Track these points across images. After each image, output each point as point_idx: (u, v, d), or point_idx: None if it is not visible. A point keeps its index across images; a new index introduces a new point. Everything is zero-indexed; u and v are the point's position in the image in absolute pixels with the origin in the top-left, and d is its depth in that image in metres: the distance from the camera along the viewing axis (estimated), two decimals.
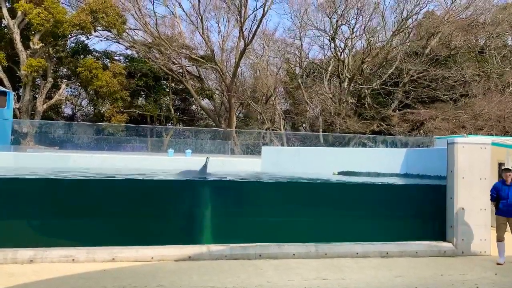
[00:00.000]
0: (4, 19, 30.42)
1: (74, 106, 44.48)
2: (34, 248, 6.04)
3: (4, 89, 22.91)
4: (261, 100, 40.48)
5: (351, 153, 14.14)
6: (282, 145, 30.27)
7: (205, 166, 10.92)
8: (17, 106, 29.61)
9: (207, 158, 11.36)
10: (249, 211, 7.11)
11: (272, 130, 36.82)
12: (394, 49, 36.03)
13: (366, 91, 36.99)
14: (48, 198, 6.45)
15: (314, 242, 7.09)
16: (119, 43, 39.52)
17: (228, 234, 6.86)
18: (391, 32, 36.30)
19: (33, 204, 6.35)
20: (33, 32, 30.24)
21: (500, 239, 6.95)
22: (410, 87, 35.49)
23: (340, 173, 11.74)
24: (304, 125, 44.60)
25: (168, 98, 43.03)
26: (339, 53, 37.39)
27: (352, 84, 36.45)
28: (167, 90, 43.39)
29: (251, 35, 35.87)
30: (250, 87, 44.47)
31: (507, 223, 6.94)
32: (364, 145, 28.55)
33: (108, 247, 6.29)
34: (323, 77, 39.12)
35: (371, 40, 35.99)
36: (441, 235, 7.68)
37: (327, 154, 13.31)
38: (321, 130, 35.08)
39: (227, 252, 6.64)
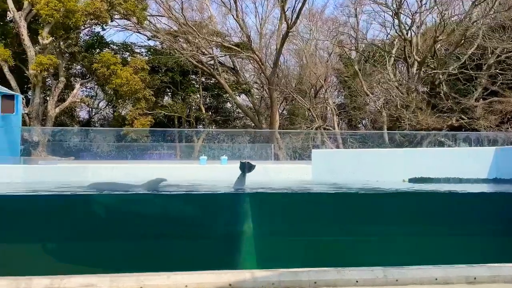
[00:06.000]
0: (9, 11, 31.99)
1: (90, 109, 46.16)
2: (50, 276, 6.27)
3: (11, 92, 24.01)
4: (309, 93, 40.34)
5: (424, 154, 13.83)
6: (337, 147, 30.03)
7: (242, 177, 10.12)
8: (26, 111, 30.99)
9: (246, 165, 10.62)
10: (301, 228, 7.09)
11: (324, 129, 36.58)
12: (474, 24, 34.86)
13: (440, 77, 36.04)
14: (65, 218, 6.72)
15: (382, 265, 6.95)
16: (140, 33, 40.70)
17: (276, 257, 6.86)
18: (470, 3, 35.17)
19: (48, 225, 6.62)
20: (41, 24, 31.67)
21: None
22: (497, 70, 34.20)
23: (411, 181, 11.52)
24: (363, 121, 44.03)
25: (198, 95, 43.80)
26: (405, 32, 36.63)
27: (423, 69, 35.61)
28: (197, 86, 44.20)
29: (295, 16, 35.85)
30: (296, 78, 44.45)
31: None
32: (441, 144, 27.88)
33: (135, 274, 6.43)
34: (386, 61, 38.48)
35: (444, 14, 34.99)
36: None
37: (394, 157, 13.08)
38: (385, 127, 34.53)
39: (275, 278, 6.62)
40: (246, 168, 10.29)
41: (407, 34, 36.74)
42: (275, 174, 14.95)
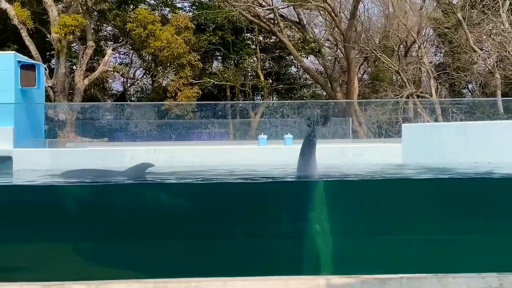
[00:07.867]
0: None
1: (124, 80, 47.29)
2: (85, 281, 6.57)
3: (32, 60, 24.69)
4: (397, 52, 39.50)
5: None
6: (436, 119, 29.34)
7: (310, 141, 8.68)
8: (49, 84, 32.08)
9: (311, 119, 9.19)
10: (388, 225, 7.03)
11: (418, 97, 35.82)
12: None
13: None
14: (101, 213, 6.97)
15: (497, 271, 6.80)
16: None
17: (357, 260, 6.86)
18: None
19: (82, 221, 6.90)
20: None
21: None
22: None
23: None
24: (470, 86, 42.76)
25: (254, 58, 43.81)
26: None
27: None
28: (253, 47, 44.18)
29: None
30: (380, 33, 43.52)
31: None
32: None
33: (183, 279, 6.63)
34: (499, 6, 36.99)
35: None
36: None
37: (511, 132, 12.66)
38: (499, 92, 33.45)
39: (357, 287, 6.64)
40: (315, 121, 8.94)
41: None
42: (354, 156, 14.84)
